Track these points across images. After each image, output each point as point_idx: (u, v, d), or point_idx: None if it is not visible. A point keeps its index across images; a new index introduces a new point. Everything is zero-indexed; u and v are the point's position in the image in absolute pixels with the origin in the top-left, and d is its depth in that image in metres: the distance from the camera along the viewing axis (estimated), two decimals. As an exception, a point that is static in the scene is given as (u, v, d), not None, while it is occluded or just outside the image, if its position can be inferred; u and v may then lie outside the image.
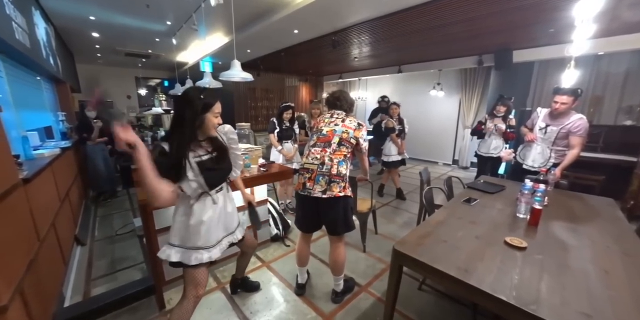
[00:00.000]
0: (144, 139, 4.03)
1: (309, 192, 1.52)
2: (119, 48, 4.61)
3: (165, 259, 1.19)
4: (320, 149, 1.56)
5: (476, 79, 5.14)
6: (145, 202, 1.54)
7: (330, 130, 1.59)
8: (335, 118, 1.64)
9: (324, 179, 1.50)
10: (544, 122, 2.35)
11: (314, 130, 1.69)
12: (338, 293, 1.74)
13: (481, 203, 1.78)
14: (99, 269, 2.12)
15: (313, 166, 1.54)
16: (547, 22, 2.78)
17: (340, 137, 1.55)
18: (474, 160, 4.15)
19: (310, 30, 3.21)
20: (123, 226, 2.84)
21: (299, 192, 1.59)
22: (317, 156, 1.55)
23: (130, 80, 6.92)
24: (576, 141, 2.16)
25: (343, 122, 1.60)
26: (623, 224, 1.53)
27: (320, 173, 1.51)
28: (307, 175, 1.55)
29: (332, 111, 1.71)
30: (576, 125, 2.14)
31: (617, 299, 0.91)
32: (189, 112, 1.08)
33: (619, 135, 3.75)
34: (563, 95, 2.15)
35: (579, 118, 2.16)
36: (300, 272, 1.81)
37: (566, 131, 2.20)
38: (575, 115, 2.19)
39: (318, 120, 1.71)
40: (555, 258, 1.14)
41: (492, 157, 3.25)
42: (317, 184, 1.50)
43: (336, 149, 1.54)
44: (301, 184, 1.57)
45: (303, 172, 1.58)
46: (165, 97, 4.26)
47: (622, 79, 3.86)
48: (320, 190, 1.50)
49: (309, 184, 1.53)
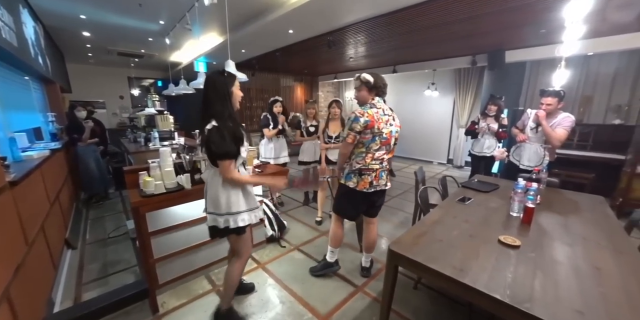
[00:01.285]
0: (137, 139, 3.97)
1: (376, 188, 1.70)
2: (110, 48, 4.54)
3: (240, 226, 1.34)
4: (383, 153, 1.66)
5: (470, 78, 5.20)
6: (138, 204, 1.51)
7: (389, 132, 1.63)
8: (387, 116, 1.64)
9: (385, 173, 1.73)
10: (534, 123, 2.41)
11: (374, 131, 1.57)
12: (368, 268, 1.99)
13: (476, 202, 1.79)
14: (91, 272, 2.08)
15: (376, 166, 1.67)
16: (538, 23, 2.82)
17: (395, 138, 1.70)
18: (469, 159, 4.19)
19: (305, 30, 3.20)
20: (116, 229, 2.80)
21: (363, 190, 1.67)
22: (379, 159, 1.67)
23: (123, 80, 6.81)
24: (558, 130, 2.27)
25: (394, 121, 1.67)
26: (613, 221, 1.56)
27: (382, 170, 1.71)
28: (373, 175, 1.67)
29: (376, 101, 1.63)
30: (563, 119, 2.27)
31: (608, 295, 0.93)
32: (223, 85, 1.27)
33: (608, 134, 3.83)
34: (548, 97, 2.25)
35: (566, 116, 2.28)
36: (335, 253, 1.97)
37: (555, 126, 2.28)
38: (563, 114, 2.30)
39: (375, 118, 1.56)
40: (548, 256, 1.16)
41: (485, 157, 3.29)
42: (382, 179, 1.71)
43: (392, 149, 1.73)
44: (367, 183, 1.67)
45: (368, 172, 1.66)
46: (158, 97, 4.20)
47: (610, 79, 3.94)
48: (383, 183, 1.73)
49: (375, 182, 1.68)
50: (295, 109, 6.87)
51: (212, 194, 1.33)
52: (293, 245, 2.47)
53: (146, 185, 1.56)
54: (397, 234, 2.72)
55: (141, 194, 1.56)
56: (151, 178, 1.59)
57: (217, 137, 1.21)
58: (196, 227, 1.90)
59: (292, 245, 2.47)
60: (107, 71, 6.42)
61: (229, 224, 1.32)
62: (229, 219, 1.32)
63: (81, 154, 3.41)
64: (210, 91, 1.27)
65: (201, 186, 1.75)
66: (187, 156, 1.81)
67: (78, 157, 3.42)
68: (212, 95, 1.27)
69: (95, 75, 6.26)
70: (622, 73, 3.86)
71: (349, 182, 1.70)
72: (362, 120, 1.54)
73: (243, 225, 1.35)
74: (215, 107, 1.25)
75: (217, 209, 1.32)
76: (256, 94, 6.41)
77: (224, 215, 1.32)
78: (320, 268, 1.99)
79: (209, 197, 1.36)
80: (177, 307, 1.69)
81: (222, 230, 1.35)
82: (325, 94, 7.97)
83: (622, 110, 3.90)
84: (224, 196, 1.30)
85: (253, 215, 1.40)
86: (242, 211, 1.34)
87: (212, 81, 1.28)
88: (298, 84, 7.26)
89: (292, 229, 2.77)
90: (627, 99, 3.86)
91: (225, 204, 1.31)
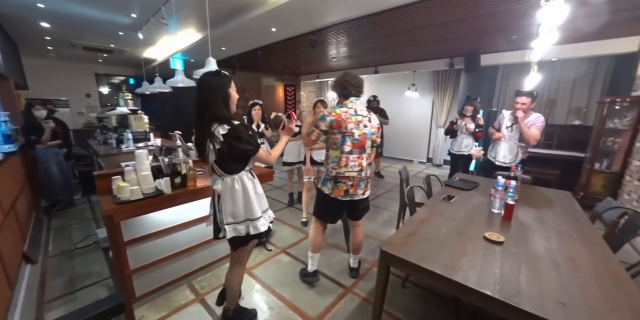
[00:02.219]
0: (108, 141, 3.68)
1: (352, 197, 1.65)
2: (74, 41, 4.17)
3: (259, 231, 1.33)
4: (356, 156, 1.59)
5: (448, 80, 5.41)
6: (112, 212, 1.39)
7: (362, 133, 1.57)
8: (361, 116, 1.56)
9: (364, 183, 1.67)
10: (509, 122, 2.56)
11: (342, 130, 1.53)
12: (356, 269, 1.98)
13: (459, 200, 1.85)
14: (55, 289, 1.88)
15: (354, 173, 1.60)
16: (510, 29, 2.99)
17: (371, 140, 1.61)
18: (448, 158, 4.37)
19: (288, 28, 3.15)
20: (84, 238, 2.57)
21: (338, 198, 1.63)
22: (356, 163, 1.60)
23: (90, 77, 6.31)
24: (534, 130, 2.44)
25: (370, 122, 1.60)
26: (580, 215, 1.68)
27: (360, 179, 1.64)
28: (350, 183, 1.61)
29: (348, 102, 1.59)
30: (535, 119, 2.44)
31: (584, 285, 0.99)
32: (221, 87, 1.21)
33: (570, 134, 4.17)
34: (523, 97, 2.41)
35: (537, 116, 2.45)
36: (314, 259, 1.89)
37: (529, 127, 2.44)
38: (535, 114, 2.47)
39: (343, 117, 1.52)
40: (529, 250, 1.22)
41: (463, 155, 3.45)
42: (359, 188, 1.65)
43: (370, 153, 1.65)
44: (342, 191, 1.62)
45: (344, 180, 1.60)
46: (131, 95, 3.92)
47: (571, 83, 4.30)
48: (361, 192, 1.68)
49: (352, 190, 1.63)
50: (278, 109, 6.76)
51: (232, 204, 1.27)
52: (279, 248, 2.41)
53: (120, 190, 1.44)
54: (383, 232, 2.75)
55: (115, 201, 1.43)
56: (126, 183, 1.47)
57: (245, 135, 1.21)
58: (177, 233, 1.79)
59: (278, 248, 2.41)
60: (71, 67, 5.90)
61: (249, 230, 1.30)
62: (249, 226, 1.31)
63: (41, 157, 3.09)
64: (207, 94, 1.19)
65: (183, 190, 1.67)
66: (166, 159, 1.70)
67: (37, 161, 3.10)
68: (210, 98, 1.19)
69: (57, 71, 5.73)
70: (581, 78, 4.22)
71: (324, 188, 1.68)
72: (328, 120, 1.53)
73: (264, 230, 1.34)
74: (216, 111, 1.19)
75: (237, 217, 1.29)
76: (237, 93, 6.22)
77: (244, 222, 1.29)
78: (302, 275, 1.95)
79: (226, 207, 1.28)
80: (157, 321, 1.58)
81: (244, 238, 1.32)
82: (308, 94, 7.93)
83: (581, 112, 4.27)
84: (242, 201, 1.28)
85: (267, 216, 1.40)
86: (259, 216, 1.32)
87: (208, 83, 1.21)
88: (280, 84, 7.16)
89: (278, 232, 2.71)
90: (585, 101, 4.23)
91: (243, 211, 1.29)
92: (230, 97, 1.25)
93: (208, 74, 1.24)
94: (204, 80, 1.21)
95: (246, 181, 1.29)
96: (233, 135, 1.18)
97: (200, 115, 1.22)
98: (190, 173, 1.69)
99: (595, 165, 3.26)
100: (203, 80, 1.22)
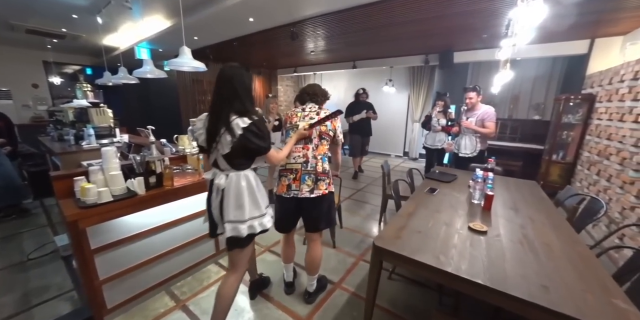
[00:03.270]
0: (64, 137, 3.28)
1: (296, 194, 1.46)
2: (15, 22, 3.61)
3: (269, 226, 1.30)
4: (301, 146, 1.49)
5: (423, 76, 5.59)
6: (76, 217, 1.23)
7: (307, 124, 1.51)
8: (308, 111, 1.56)
9: (310, 178, 1.45)
10: (465, 116, 2.83)
11: (287, 126, 1.58)
12: (311, 293, 1.69)
13: (441, 192, 1.92)
14: (5, 307, 1.65)
15: (297, 166, 1.46)
16: (481, 28, 3.13)
17: (319, 131, 1.49)
18: (423, 151, 4.55)
19: (267, 19, 3.01)
20: (39, 247, 2.29)
21: (282, 195, 1.49)
22: (300, 154, 1.48)
23: (37, 66, 5.54)
24: (488, 125, 2.68)
25: (318, 115, 1.53)
26: (547, 202, 1.83)
27: (305, 172, 1.45)
28: (292, 176, 1.46)
29: (304, 105, 1.62)
30: (485, 113, 2.68)
31: (560, 267, 1.07)
32: (251, 82, 1.25)
33: (530, 128, 4.55)
34: (470, 92, 2.71)
35: (487, 108, 2.71)
36: (287, 269, 1.76)
37: (480, 119, 2.70)
38: (484, 107, 2.73)
39: (289, 114, 1.61)
40: (510, 238, 1.30)
41: (437, 149, 3.62)
42: (304, 184, 1.45)
43: (318, 144, 1.50)
44: (285, 186, 1.48)
45: (286, 173, 1.48)
46: (91, 87, 3.50)
47: (532, 81, 4.67)
48: (307, 190, 1.45)
49: (294, 185, 1.46)
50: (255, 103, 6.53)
51: (235, 201, 1.20)
52: (263, 247, 2.35)
53: (85, 193, 1.28)
54: (366, 226, 2.80)
55: (79, 204, 1.27)
56: (92, 184, 1.31)
57: (265, 131, 1.20)
58: (153, 237, 1.66)
59: (262, 247, 2.34)
60: (13, 53, 5.13)
61: (254, 229, 1.24)
62: (254, 224, 1.24)
63: None
64: (238, 86, 1.19)
65: (159, 191, 1.53)
66: (138, 157, 1.54)
67: None
68: (241, 92, 1.19)
69: (-5, 58, 4.98)
70: (540, 76, 4.60)
71: (274, 187, 1.57)
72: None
73: (270, 225, 1.31)
74: (245, 103, 1.20)
75: (241, 215, 1.21)
76: (210, 86, 5.89)
77: (247, 221, 1.22)
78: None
79: (232, 204, 1.21)
80: (133, 333, 1.45)
81: (245, 239, 1.24)
82: (285, 88, 7.76)
83: (540, 108, 4.66)
84: (249, 199, 1.22)
85: (270, 210, 1.36)
86: (264, 213, 1.29)
87: (241, 76, 1.20)
88: (256, 77, 6.91)
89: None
90: (543, 98, 4.62)
91: (249, 208, 1.22)
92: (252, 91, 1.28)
93: (238, 67, 1.23)
94: (237, 73, 1.20)
95: (251, 179, 1.25)
96: (253, 129, 1.16)
97: (223, 106, 1.18)
98: (167, 172, 1.56)
99: (553, 156, 3.58)
100: (236, 72, 1.20)
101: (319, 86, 1.67)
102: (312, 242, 1.62)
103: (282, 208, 1.55)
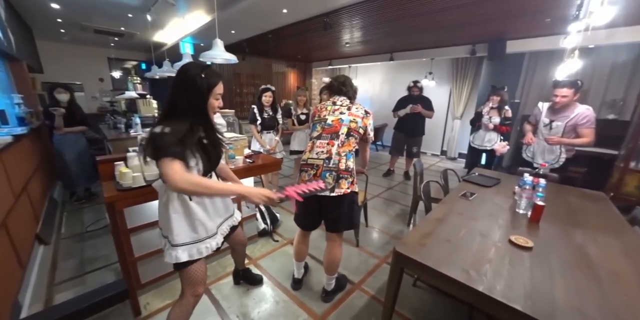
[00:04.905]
0: (117, 125, 3.67)
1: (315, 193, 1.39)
2: (85, 23, 4.10)
3: (175, 262, 1.07)
4: (326, 142, 1.41)
5: (467, 69, 5.08)
6: (114, 199, 1.35)
7: (337, 119, 1.44)
8: (339, 106, 1.48)
9: (331, 176, 1.37)
10: (547, 119, 2.26)
11: (314, 119, 1.51)
12: (329, 292, 1.64)
13: (479, 197, 1.71)
14: (65, 271, 1.92)
15: (319, 161, 1.39)
16: (543, 10, 2.68)
17: (348, 127, 1.41)
18: (463, 151, 4.14)
19: (300, 10, 2.96)
20: (95, 221, 2.61)
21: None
22: (324, 150, 1.40)
23: (103, 61, 6.30)
24: (585, 132, 2.08)
25: (349, 110, 1.45)
26: (619, 219, 1.51)
27: (327, 169, 1.38)
28: (312, 172, 1.40)
29: (334, 98, 1.54)
30: (583, 117, 2.08)
31: (635, 305, 0.85)
32: (193, 93, 0.97)
33: (602, 129, 3.80)
34: (563, 88, 2.08)
35: (585, 109, 2.09)
36: (298, 267, 1.73)
37: (573, 125, 2.11)
38: (580, 107, 2.11)
39: (318, 108, 1.54)
40: (563, 259, 1.09)
41: (485, 150, 3.24)
42: (324, 181, 1.37)
43: (345, 141, 1.41)
44: (304, 182, 1.42)
45: (307, 168, 1.43)
46: (140, 80, 3.86)
47: (607, 72, 3.91)
48: (327, 188, 1.37)
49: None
50: (288, 96, 6.61)
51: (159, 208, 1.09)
52: (286, 239, 2.37)
53: (122, 177, 1.39)
54: (394, 227, 2.65)
55: (117, 187, 1.39)
56: (128, 169, 1.41)
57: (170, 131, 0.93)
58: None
59: (284, 239, 2.37)
60: (84, 50, 5.90)
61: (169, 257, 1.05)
62: (169, 249, 1.05)
63: (56, 144, 3.01)
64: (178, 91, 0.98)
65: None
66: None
67: (54, 148, 3.08)
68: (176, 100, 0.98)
69: (71, 55, 5.74)
70: (619, 67, 3.83)
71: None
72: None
73: (184, 260, 1.05)
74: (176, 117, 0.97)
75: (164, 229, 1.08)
76: (247, 79, 6.09)
77: (164, 238, 1.09)
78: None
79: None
80: (162, 309, 1.57)
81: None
82: (319, 82, 7.70)
83: (616, 105, 3.91)
84: (165, 216, 1.04)
85: (204, 246, 1.09)
86: (185, 243, 1.05)
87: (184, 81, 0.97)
88: (291, 70, 6.96)
89: (285, 222, 2.66)
90: (622, 94, 3.85)
91: (165, 226, 1.05)
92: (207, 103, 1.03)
93: (192, 65, 1.00)
94: (182, 73, 0.99)
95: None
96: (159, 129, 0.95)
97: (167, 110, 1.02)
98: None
99: (631, 163, 2.99)
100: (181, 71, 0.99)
101: (349, 78, 1.57)
102: (331, 242, 1.54)
103: (303, 205, 1.51)
